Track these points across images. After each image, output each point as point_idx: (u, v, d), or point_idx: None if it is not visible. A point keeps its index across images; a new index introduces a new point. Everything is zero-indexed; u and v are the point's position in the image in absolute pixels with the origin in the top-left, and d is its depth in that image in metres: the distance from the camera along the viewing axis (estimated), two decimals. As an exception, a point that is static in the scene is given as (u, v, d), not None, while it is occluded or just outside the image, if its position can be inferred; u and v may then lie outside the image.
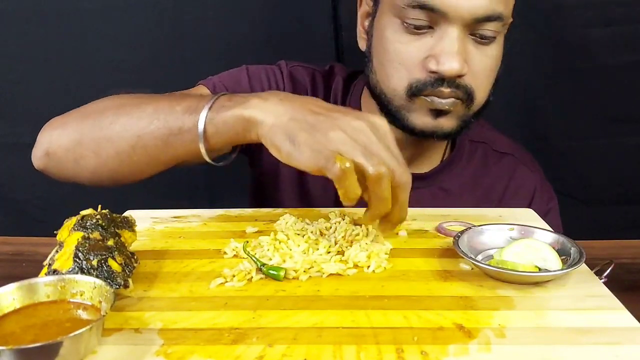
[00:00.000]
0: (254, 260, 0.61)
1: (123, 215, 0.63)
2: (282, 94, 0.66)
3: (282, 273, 0.58)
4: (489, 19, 0.74)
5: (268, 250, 0.63)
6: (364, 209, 0.81)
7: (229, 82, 0.90)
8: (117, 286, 0.52)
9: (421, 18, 0.75)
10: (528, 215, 0.77)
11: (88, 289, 0.49)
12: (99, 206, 0.61)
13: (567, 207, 0.94)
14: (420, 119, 0.80)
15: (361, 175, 0.57)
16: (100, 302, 0.48)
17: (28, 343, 0.43)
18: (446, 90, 0.76)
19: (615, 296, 0.55)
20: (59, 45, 1.20)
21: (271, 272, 0.59)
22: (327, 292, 0.56)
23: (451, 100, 0.77)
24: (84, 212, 0.60)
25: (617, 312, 0.52)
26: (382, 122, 0.61)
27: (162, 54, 1.20)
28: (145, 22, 1.19)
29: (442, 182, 0.91)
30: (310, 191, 0.92)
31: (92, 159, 0.72)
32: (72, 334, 0.42)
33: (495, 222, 0.68)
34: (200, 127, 0.65)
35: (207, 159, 0.68)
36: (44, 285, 0.50)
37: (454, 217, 0.75)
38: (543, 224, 0.73)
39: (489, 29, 0.76)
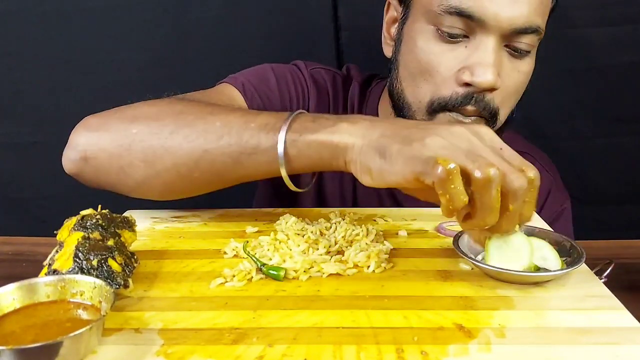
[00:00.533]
0: (254, 260, 0.61)
1: (123, 215, 0.63)
2: (371, 117, 0.61)
3: (282, 273, 0.58)
4: (526, 30, 0.73)
5: (268, 250, 0.63)
6: (378, 209, 0.79)
7: (256, 82, 0.86)
8: (117, 286, 0.52)
9: (457, 26, 0.73)
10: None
11: (88, 289, 0.49)
12: (99, 206, 0.61)
13: (567, 206, 0.94)
14: None
15: (465, 180, 0.50)
16: (100, 302, 0.48)
17: (28, 343, 0.43)
18: (471, 108, 0.74)
19: (615, 296, 0.55)
20: (60, 44, 1.21)
21: (271, 272, 0.59)
22: (327, 292, 0.56)
23: (474, 118, 0.76)
24: (84, 212, 0.60)
25: (617, 312, 0.52)
26: (486, 129, 0.55)
27: (163, 53, 1.20)
28: (147, 22, 1.19)
29: None
30: (328, 199, 0.91)
31: (142, 169, 0.66)
32: (72, 334, 0.42)
33: (495, 222, 0.68)
34: (280, 148, 0.60)
35: (288, 182, 0.63)
36: (44, 285, 0.50)
37: (454, 217, 0.75)
38: (543, 224, 0.73)
39: (525, 41, 0.74)
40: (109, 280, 0.52)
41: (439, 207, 0.52)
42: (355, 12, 1.17)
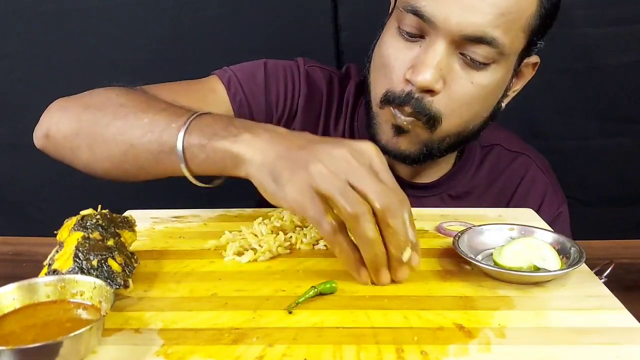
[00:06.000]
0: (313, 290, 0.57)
1: (123, 215, 0.63)
2: (275, 129, 0.62)
3: (335, 285, 0.56)
4: (480, 40, 0.71)
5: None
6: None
7: (244, 77, 0.88)
8: (117, 286, 0.52)
9: (414, 25, 0.74)
10: (528, 215, 0.77)
11: (88, 289, 0.49)
12: (99, 206, 0.61)
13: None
14: (384, 133, 0.79)
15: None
16: (100, 302, 0.48)
17: (28, 343, 0.43)
18: (408, 109, 0.75)
19: (615, 296, 0.55)
20: (60, 44, 1.20)
21: (326, 288, 0.56)
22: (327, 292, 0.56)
23: (411, 119, 0.76)
24: (84, 212, 0.60)
25: (617, 312, 0.52)
26: (367, 146, 0.57)
27: (162, 53, 1.20)
28: (146, 21, 1.19)
29: (449, 190, 0.90)
30: None
31: (86, 153, 0.72)
32: (72, 334, 0.42)
33: (495, 222, 0.68)
34: (179, 146, 0.63)
35: (193, 181, 0.65)
36: (44, 285, 0.50)
37: (454, 217, 0.75)
38: (543, 224, 0.73)
39: (479, 52, 0.72)
40: (109, 280, 0.52)
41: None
42: (355, 12, 1.17)
